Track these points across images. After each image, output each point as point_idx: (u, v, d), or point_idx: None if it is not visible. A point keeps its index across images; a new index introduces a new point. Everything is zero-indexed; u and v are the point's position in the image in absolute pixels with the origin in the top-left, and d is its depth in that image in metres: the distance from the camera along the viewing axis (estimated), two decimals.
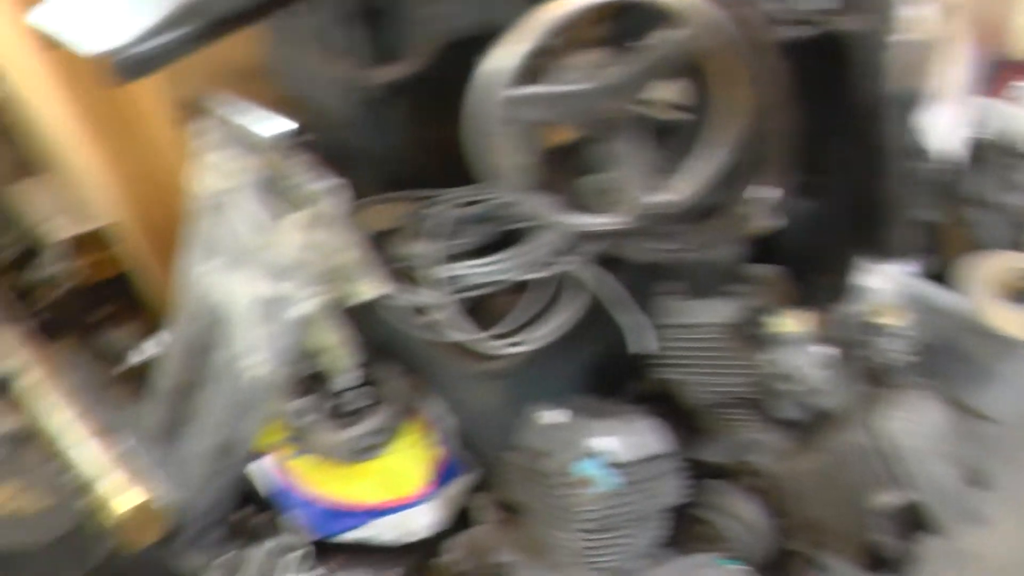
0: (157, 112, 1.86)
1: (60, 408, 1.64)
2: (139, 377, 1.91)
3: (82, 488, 1.46)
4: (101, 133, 1.89)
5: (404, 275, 1.55)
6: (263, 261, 1.50)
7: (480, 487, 1.66)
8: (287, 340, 1.51)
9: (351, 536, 1.63)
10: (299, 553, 1.58)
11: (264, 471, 1.67)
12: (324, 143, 1.48)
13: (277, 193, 1.49)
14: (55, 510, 1.42)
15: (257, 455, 1.66)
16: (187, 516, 1.59)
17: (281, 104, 1.54)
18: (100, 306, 2.17)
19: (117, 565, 1.48)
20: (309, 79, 1.67)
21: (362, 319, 1.57)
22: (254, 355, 1.52)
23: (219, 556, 1.61)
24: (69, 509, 1.42)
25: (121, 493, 1.45)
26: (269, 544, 1.60)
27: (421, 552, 1.64)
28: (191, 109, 1.65)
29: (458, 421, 1.64)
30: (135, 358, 1.98)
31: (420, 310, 1.52)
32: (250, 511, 1.64)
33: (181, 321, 1.68)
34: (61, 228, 2.13)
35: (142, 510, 1.43)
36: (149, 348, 1.97)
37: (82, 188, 2.08)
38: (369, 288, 1.50)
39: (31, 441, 1.53)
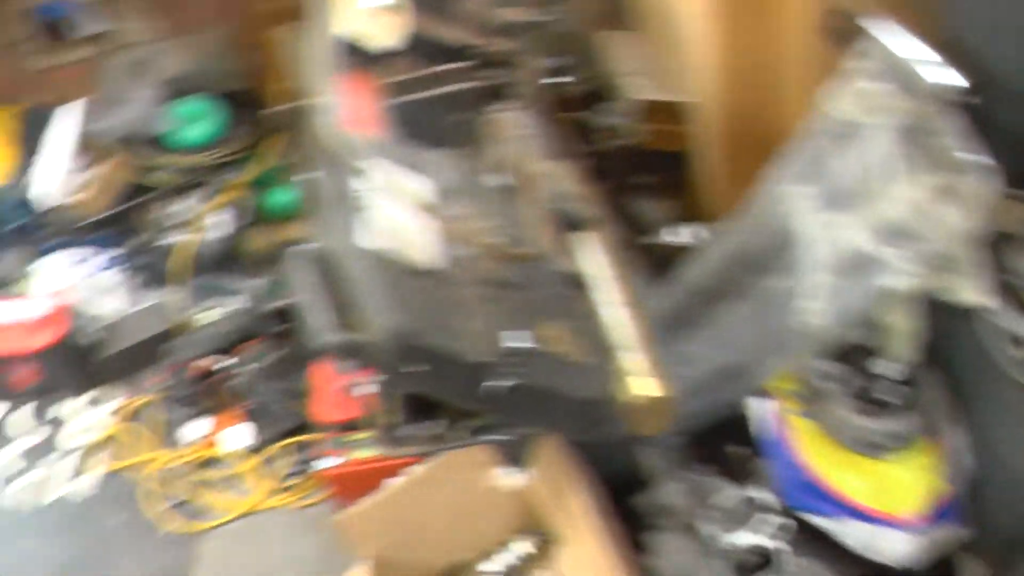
0: (798, 13, 1.76)
1: (606, 263, 1.66)
2: (660, 256, 1.90)
3: (610, 354, 1.47)
4: (727, 16, 1.84)
5: (1012, 293, 1.33)
6: (871, 213, 1.37)
7: (972, 548, 1.45)
8: (858, 303, 1.37)
9: (817, 519, 1.51)
10: (779, 520, 1.49)
11: (763, 413, 1.59)
12: (984, 111, 1.29)
13: (918, 147, 1.33)
14: (592, 369, 1.43)
15: (762, 393, 1.58)
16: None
17: (940, 50, 1.37)
18: (647, 173, 2.18)
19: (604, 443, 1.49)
20: (1006, 36, 1.45)
21: (938, 313, 1.39)
22: (815, 301, 1.42)
23: (684, 471, 1.58)
24: (603, 373, 1.42)
25: (642, 377, 1.44)
26: (752, 491, 1.52)
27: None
28: (842, 24, 1.52)
29: (981, 468, 1.43)
30: (667, 237, 1.97)
31: (1018, 340, 1.31)
32: (749, 452, 1.57)
33: (739, 228, 1.62)
34: (641, 88, 2.14)
35: (657, 402, 1.41)
36: (684, 234, 1.95)
37: (679, 59, 2.07)
38: (972, 293, 1.32)
39: (584, 288, 1.56)
